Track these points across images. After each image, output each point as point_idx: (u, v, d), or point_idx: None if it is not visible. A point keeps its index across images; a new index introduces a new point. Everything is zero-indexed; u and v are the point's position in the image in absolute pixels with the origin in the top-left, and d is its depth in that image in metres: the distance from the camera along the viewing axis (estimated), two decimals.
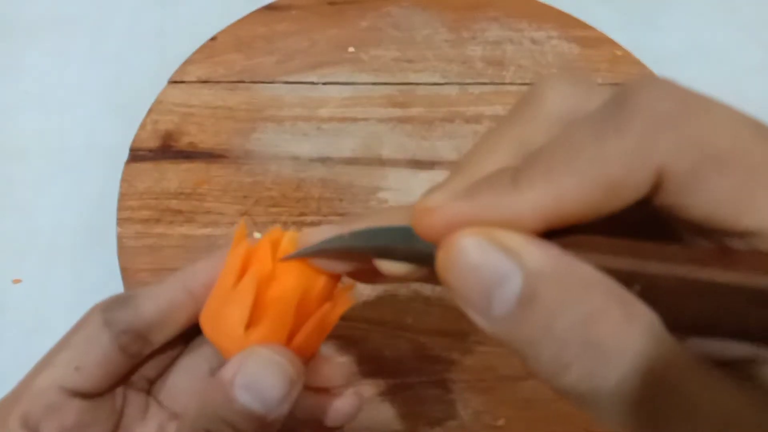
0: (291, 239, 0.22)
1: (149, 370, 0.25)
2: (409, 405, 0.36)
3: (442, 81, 0.48)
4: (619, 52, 0.50)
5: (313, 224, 0.41)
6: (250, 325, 0.22)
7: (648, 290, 0.13)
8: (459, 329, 0.38)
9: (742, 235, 0.13)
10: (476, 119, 0.46)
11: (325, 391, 0.25)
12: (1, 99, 0.48)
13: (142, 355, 0.24)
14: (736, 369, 0.14)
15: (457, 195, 0.15)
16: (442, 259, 0.15)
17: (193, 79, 0.47)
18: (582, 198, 0.13)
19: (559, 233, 0.14)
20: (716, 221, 0.13)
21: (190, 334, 0.25)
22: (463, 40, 0.50)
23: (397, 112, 0.46)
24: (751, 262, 0.13)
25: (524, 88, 0.48)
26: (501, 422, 0.36)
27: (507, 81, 0.48)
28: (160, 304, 0.23)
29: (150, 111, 0.45)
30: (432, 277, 0.18)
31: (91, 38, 0.51)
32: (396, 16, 0.51)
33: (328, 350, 0.26)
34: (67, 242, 0.43)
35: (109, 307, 0.23)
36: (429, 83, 0.48)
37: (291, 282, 0.22)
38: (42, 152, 0.46)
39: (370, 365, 0.37)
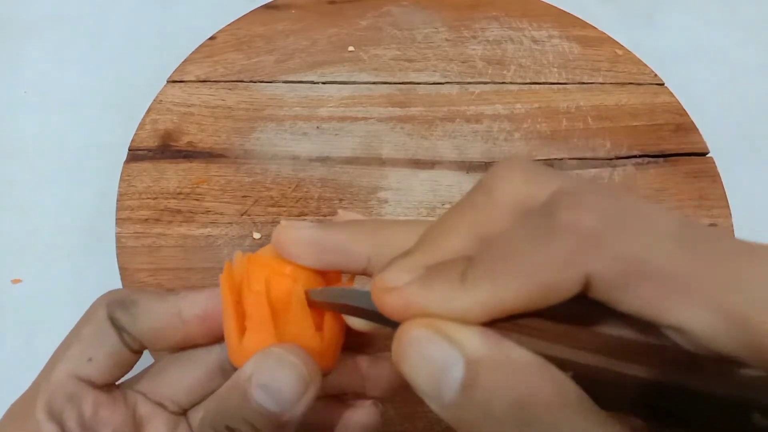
0: (265, 250, 0.23)
1: (182, 398, 0.25)
2: (409, 405, 0.36)
3: (442, 80, 0.48)
4: (619, 52, 0.50)
5: None
6: (241, 333, 0.22)
7: (579, 377, 0.15)
8: None
9: (669, 328, 0.15)
10: (476, 118, 0.46)
11: (343, 402, 0.26)
12: (1, 99, 0.48)
13: (142, 352, 0.25)
14: None
15: (413, 278, 0.16)
16: (395, 350, 0.16)
17: (193, 78, 0.47)
18: (520, 297, 0.15)
19: (503, 318, 0.16)
20: (643, 317, 0.15)
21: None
22: (463, 39, 0.50)
23: (397, 111, 0.46)
24: (674, 359, 0.15)
25: (524, 87, 0.48)
26: None
27: (507, 80, 0.48)
28: (155, 323, 0.24)
29: (149, 110, 0.45)
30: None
31: (91, 38, 0.51)
32: (396, 15, 0.51)
33: (381, 353, 0.26)
34: (66, 242, 0.43)
35: (112, 305, 0.24)
36: (429, 82, 0.48)
37: (256, 278, 0.22)
38: (42, 152, 0.46)
39: None
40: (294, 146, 0.44)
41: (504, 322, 0.16)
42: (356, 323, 0.21)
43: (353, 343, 0.25)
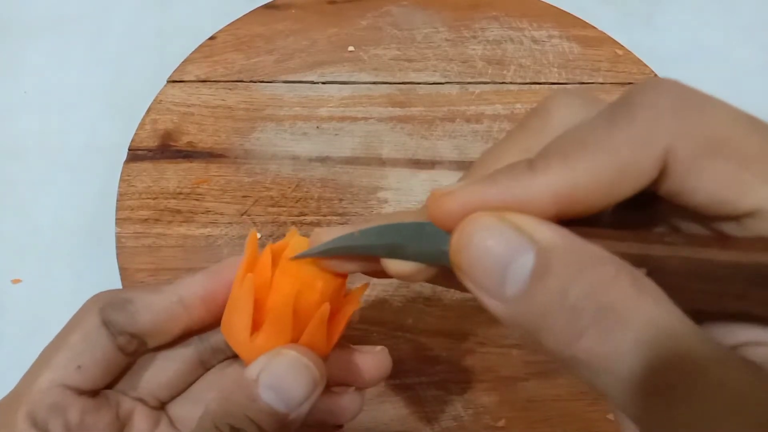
0: (298, 243, 0.23)
1: (162, 392, 0.25)
2: (410, 405, 0.36)
3: (442, 80, 0.48)
4: (619, 52, 0.50)
5: (312, 224, 0.41)
6: (254, 330, 0.22)
7: (654, 272, 0.14)
8: (459, 329, 0.38)
9: (740, 216, 0.14)
10: (477, 118, 0.46)
11: (330, 391, 0.26)
12: (1, 99, 0.48)
13: (138, 354, 0.24)
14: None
15: (473, 180, 0.16)
16: (455, 242, 0.15)
17: (193, 78, 0.47)
18: (595, 181, 0.14)
19: (567, 225, 0.15)
20: (717, 203, 0.14)
21: (209, 360, 0.26)
22: (463, 39, 0.50)
23: (397, 111, 0.46)
24: (747, 244, 0.14)
25: (525, 87, 0.48)
26: (502, 423, 0.36)
27: (507, 80, 0.48)
28: (157, 315, 0.24)
29: (149, 110, 0.45)
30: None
31: (91, 38, 0.51)
32: (396, 15, 0.51)
33: (363, 346, 0.27)
34: (66, 242, 0.43)
35: (107, 308, 0.23)
36: (429, 82, 0.48)
37: (287, 285, 0.22)
38: (41, 152, 0.46)
39: None
40: (294, 146, 0.44)
41: (570, 228, 0.15)
42: (398, 266, 0.18)
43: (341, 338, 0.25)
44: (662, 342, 0.13)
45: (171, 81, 0.46)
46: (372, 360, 0.26)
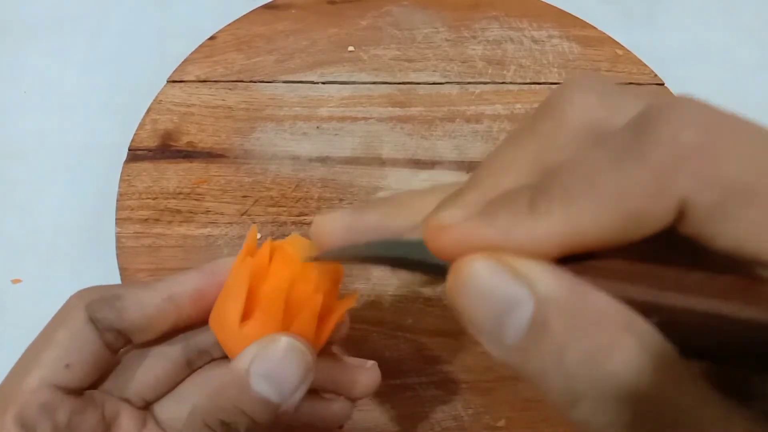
0: (298, 239, 0.23)
1: (148, 392, 0.25)
2: (409, 405, 0.36)
3: (442, 80, 0.48)
4: (619, 52, 0.50)
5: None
6: (244, 318, 0.22)
7: (667, 322, 0.13)
8: (459, 329, 0.38)
9: None
10: (477, 119, 0.46)
11: (318, 395, 0.26)
12: (1, 99, 0.48)
13: (122, 350, 0.24)
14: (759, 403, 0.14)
15: (471, 214, 0.14)
16: (452, 283, 0.14)
17: (193, 78, 0.47)
18: (601, 227, 0.13)
19: (575, 257, 0.14)
20: (743, 252, 0.13)
21: (196, 361, 0.26)
22: (463, 39, 0.50)
23: (397, 111, 0.46)
24: None
25: (525, 87, 0.48)
26: (502, 423, 0.36)
27: (507, 80, 0.48)
28: (146, 311, 0.23)
29: (149, 110, 0.45)
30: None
31: (91, 38, 0.51)
32: (396, 15, 0.51)
33: (355, 359, 0.27)
34: (66, 242, 0.43)
35: (93, 304, 0.23)
36: (429, 82, 0.48)
37: (283, 273, 0.22)
38: (41, 152, 0.46)
39: None
40: (294, 146, 0.44)
41: (576, 263, 0.14)
42: (407, 277, 0.19)
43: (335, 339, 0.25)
44: (666, 414, 0.12)
45: (171, 81, 0.46)
46: (361, 375, 0.26)
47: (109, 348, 0.23)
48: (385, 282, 0.39)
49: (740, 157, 0.12)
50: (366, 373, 0.26)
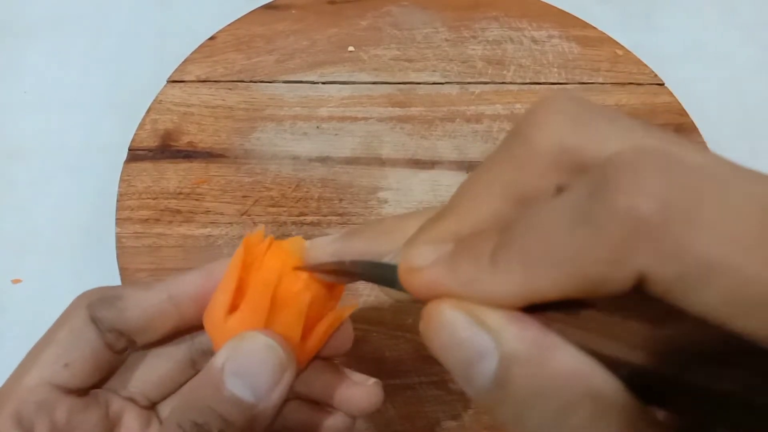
0: (297, 241, 0.23)
1: (153, 392, 0.25)
2: (409, 405, 0.36)
3: (442, 80, 0.48)
4: (619, 52, 0.50)
5: (312, 224, 0.41)
6: (231, 311, 0.22)
7: (635, 376, 0.13)
8: None
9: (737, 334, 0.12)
10: (476, 119, 0.46)
11: (319, 406, 0.26)
12: (1, 99, 0.48)
13: (127, 352, 0.24)
14: None
15: (438, 258, 0.15)
16: (424, 329, 0.15)
17: (193, 78, 0.47)
18: (557, 289, 0.13)
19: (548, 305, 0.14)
20: (708, 321, 0.12)
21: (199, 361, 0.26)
22: (463, 40, 0.50)
23: (397, 111, 0.46)
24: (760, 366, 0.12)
25: (525, 87, 0.48)
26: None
27: (507, 80, 0.48)
28: (146, 311, 0.23)
29: (149, 110, 0.45)
30: None
31: (91, 38, 0.51)
32: (396, 15, 0.51)
33: (359, 375, 0.26)
34: (66, 242, 0.43)
35: (95, 305, 0.23)
36: (429, 82, 0.48)
37: (274, 266, 0.22)
38: (41, 152, 0.46)
39: (370, 365, 0.37)
40: (294, 146, 0.44)
41: (548, 311, 0.14)
42: (390, 293, 0.19)
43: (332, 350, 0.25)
44: None
45: (171, 81, 0.46)
46: (360, 392, 0.25)
47: (110, 348, 0.23)
48: None
49: (701, 231, 0.12)
50: (365, 391, 0.25)
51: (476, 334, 0.14)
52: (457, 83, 0.48)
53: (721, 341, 0.12)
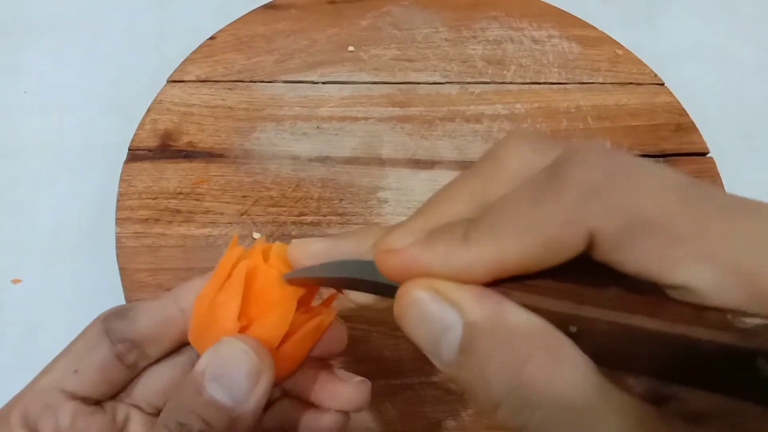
0: (280, 247, 0.23)
1: (158, 399, 0.25)
2: (409, 405, 0.36)
3: (442, 80, 0.48)
4: (619, 52, 0.50)
5: (312, 224, 0.41)
6: (241, 316, 0.22)
7: (583, 331, 0.15)
8: None
9: (673, 288, 0.15)
10: (476, 118, 0.46)
11: (312, 406, 0.26)
12: (1, 99, 0.48)
13: (139, 367, 0.25)
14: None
15: (416, 240, 0.17)
16: (396, 309, 0.17)
17: (193, 78, 0.47)
18: (523, 254, 0.15)
19: (507, 278, 0.16)
20: (647, 276, 0.15)
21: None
22: (463, 39, 0.50)
23: (397, 111, 0.46)
24: (677, 313, 0.14)
25: (525, 87, 0.48)
26: None
27: (507, 80, 0.48)
28: (155, 319, 0.24)
29: (149, 110, 0.45)
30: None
31: (91, 38, 0.51)
32: (396, 15, 0.51)
33: (345, 373, 0.26)
34: (66, 242, 0.43)
35: (109, 318, 0.24)
36: (429, 82, 0.48)
37: (252, 259, 0.23)
38: (41, 152, 0.46)
39: (370, 365, 0.37)
40: (294, 146, 0.44)
41: (508, 282, 0.16)
42: (356, 297, 0.21)
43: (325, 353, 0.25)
44: (572, 415, 0.14)
45: (171, 81, 0.46)
46: (348, 389, 0.26)
47: (120, 360, 0.24)
48: None
49: (639, 194, 0.15)
50: (351, 388, 0.26)
51: (442, 309, 0.16)
52: (457, 83, 0.48)
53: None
